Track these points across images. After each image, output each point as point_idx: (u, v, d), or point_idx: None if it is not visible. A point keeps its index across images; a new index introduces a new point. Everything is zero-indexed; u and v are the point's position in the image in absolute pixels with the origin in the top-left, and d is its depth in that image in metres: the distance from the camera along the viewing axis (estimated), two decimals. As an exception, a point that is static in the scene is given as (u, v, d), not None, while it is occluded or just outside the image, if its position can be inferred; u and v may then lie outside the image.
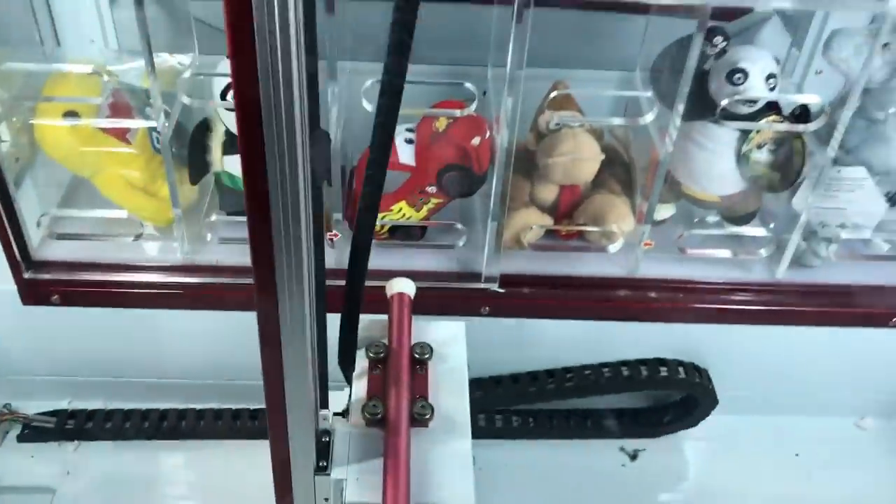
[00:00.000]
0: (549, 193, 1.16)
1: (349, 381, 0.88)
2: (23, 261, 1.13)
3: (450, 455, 0.88)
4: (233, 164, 1.11)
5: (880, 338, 1.25)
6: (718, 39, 1.04)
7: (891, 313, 1.20)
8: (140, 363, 1.28)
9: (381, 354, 0.89)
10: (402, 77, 0.64)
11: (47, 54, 1.25)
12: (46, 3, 1.26)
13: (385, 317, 0.90)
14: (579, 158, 1.11)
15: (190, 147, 1.11)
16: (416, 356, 0.91)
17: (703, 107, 1.07)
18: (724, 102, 1.04)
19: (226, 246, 1.15)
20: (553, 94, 1.12)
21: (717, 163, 1.11)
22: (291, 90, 0.55)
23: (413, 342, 0.91)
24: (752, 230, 1.18)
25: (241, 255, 1.13)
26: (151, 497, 1.22)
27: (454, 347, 0.96)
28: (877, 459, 1.36)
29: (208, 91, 1.09)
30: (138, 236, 1.15)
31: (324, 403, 0.86)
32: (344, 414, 0.86)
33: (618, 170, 1.19)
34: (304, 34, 0.56)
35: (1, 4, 1.14)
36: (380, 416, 0.84)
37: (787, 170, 1.11)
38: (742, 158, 1.10)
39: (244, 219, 0.64)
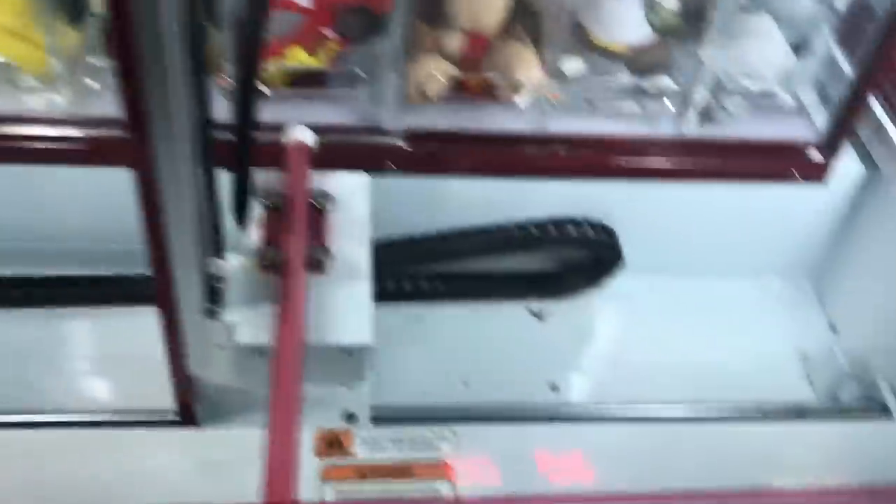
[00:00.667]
0: (454, 42, 1.12)
1: (243, 227, 0.85)
2: None
3: (347, 297, 0.86)
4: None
5: (783, 193, 1.26)
6: None
7: (794, 167, 1.21)
8: (25, 226, 1.21)
9: (279, 204, 0.86)
10: None
11: None
12: None
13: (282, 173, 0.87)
14: (485, 4, 1.07)
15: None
16: (316, 205, 0.88)
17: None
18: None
19: (107, 95, 1.08)
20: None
21: (625, 10, 1.09)
22: None
23: (313, 191, 0.89)
24: (660, 82, 1.17)
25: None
26: (39, 366, 1.17)
27: (356, 198, 0.94)
28: (780, 319, 1.40)
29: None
30: (15, 86, 1.07)
31: (216, 251, 0.83)
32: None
33: (526, 19, 1.14)
34: None
35: None
36: (276, 262, 0.81)
37: (695, 18, 1.09)
38: (649, 5, 1.08)
39: None
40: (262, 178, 0.85)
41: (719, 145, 1.20)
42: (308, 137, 0.91)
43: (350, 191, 0.95)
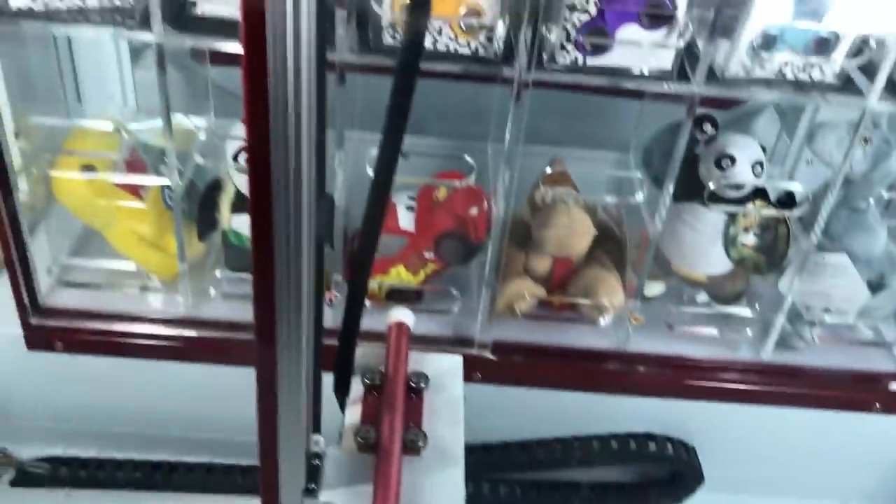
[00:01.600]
0: (542, 264, 1.20)
1: (343, 407, 0.89)
2: (30, 306, 1.17)
3: (441, 483, 0.87)
4: (240, 223, 1.16)
5: (865, 422, 1.26)
6: (708, 127, 1.10)
7: (875, 398, 1.22)
8: (136, 414, 1.30)
9: (377, 381, 0.88)
10: (400, 136, 0.69)
11: (69, 109, 1.32)
12: (71, 61, 1.33)
13: (382, 348, 0.90)
14: (573, 232, 1.16)
15: (200, 205, 1.16)
16: (412, 385, 0.88)
17: (692, 189, 1.12)
18: (711, 186, 1.09)
19: (228, 302, 1.19)
20: (548, 170, 1.17)
21: (705, 243, 1.16)
22: (301, 156, 0.60)
23: (409, 371, 0.90)
24: (739, 310, 1.22)
25: (242, 312, 1.17)
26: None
27: (451, 379, 0.93)
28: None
29: (221, 152, 1.14)
30: (144, 288, 1.19)
31: (316, 427, 0.87)
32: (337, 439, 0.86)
33: (610, 245, 1.23)
34: (316, 104, 0.61)
35: (30, 60, 1.20)
36: (372, 441, 0.82)
37: (772, 253, 1.15)
38: (729, 240, 1.15)
39: (247, 276, 0.67)
40: (363, 354, 0.88)
41: (797, 372, 1.23)
42: (409, 318, 0.93)
43: (445, 372, 0.95)
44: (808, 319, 1.21)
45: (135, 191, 1.19)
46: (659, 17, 0.94)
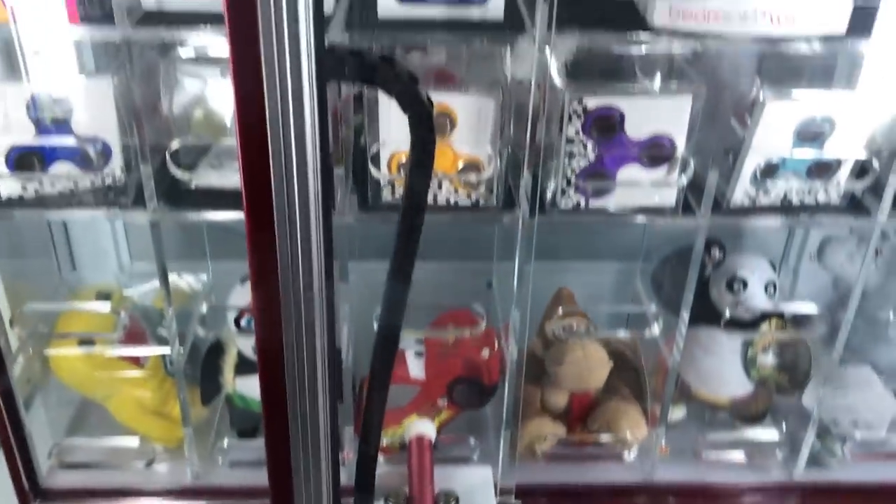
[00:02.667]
0: (560, 399, 1.16)
1: None
2: (31, 490, 1.12)
3: None
4: (245, 386, 1.12)
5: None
6: (716, 252, 1.08)
7: (914, 511, 1.17)
8: None
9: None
10: (404, 296, 0.67)
11: (64, 278, 1.29)
12: (63, 226, 1.31)
13: (403, 466, 0.85)
14: (589, 367, 1.12)
15: (202, 369, 1.13)
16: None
17: (706, 312, 1.10)
18: (726, 313, 1.06)
19: (236, 469, 1.14)
20: (559, 311, 1.14)
21: (725, 367, 1.13)
22: (313, 321, 0.58)
23: (437, 490, 0.85)
24: (765, 432, 1.18)
25: (251, 478, 1.12)
26: None
27: (483, 496, 0.88)
28: None
29: (222, 314, 1.11)
30: (150, 462, 1.14)
31: (335, 448, 0.81)
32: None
33: (628, 374, 1.19)
34: (325, 293, 0.58)
35: (24, 236, 1.18)
36: None
37: (794, 371, 1.12)
38: (749, 362, 1.12)
39: (255, 440, 0.64)
40: (384, 474, 0.82)
41: (833, 490, 1.18)
42: (430, 431, 0.89)
43: (475, 487, 0.89)
44: (837, 434, 1.17)
45: (134, 359, 1.15)
46: (659, 157, 0.93)
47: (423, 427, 0.87)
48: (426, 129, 0.59)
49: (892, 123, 0.94)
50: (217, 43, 0.85)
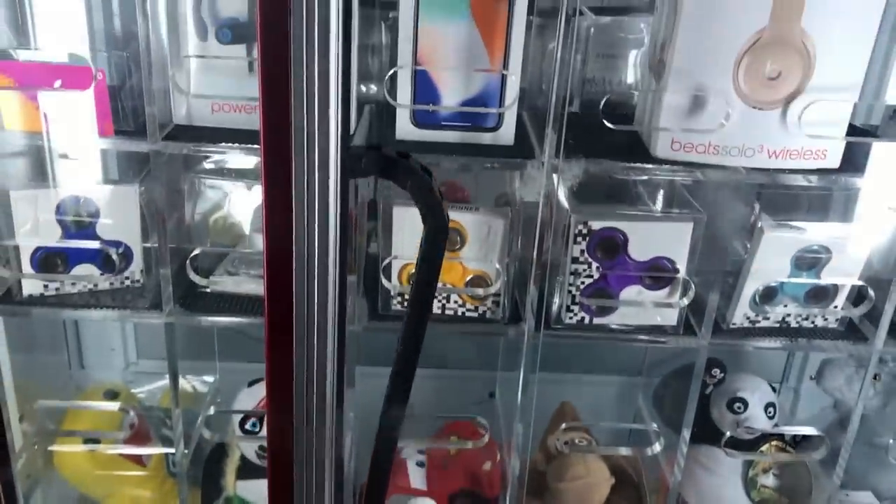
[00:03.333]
0: (561, 518, 1.16)
1: None
2: (23, 590, 1.10)
3: None
4: (247, 490, 1.12)
5: None
6: (716, 371, 1.10)
7: None
8: None
9: None
10: (406, 395, 0.67)
11: (72, 375, 1.31)
12: (75, 326, 1.34)
13: None
14: (591, 484, 1.12)
15: (205, 471, 1.13)
16: None
17: (707, 432, 1.11)
18: (727, 434, 1.07)
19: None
20: (562, 427, 1.15)
21: (725, 487, 1.13)
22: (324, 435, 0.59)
23: None
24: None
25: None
26: None
27: None
28: None
29: (227, 417, 1.12)
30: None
31: None
32: None
33: (629, 491, 1.19)
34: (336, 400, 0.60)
35: (35, 327, 1.21)
36: None
37: (794, 494, 1.12)
38: (749, 483, 1.12)
39: None
40: None
41: None
42: None
43: None
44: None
45: (137, 458, 1.16)
46: (661, 278, 0.96)
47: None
48: (438, 222, 0.60)
49: (886, 254, 0.97)
50: (239, 156, 0.89)
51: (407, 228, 0.94)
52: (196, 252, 0.94)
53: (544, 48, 1.00)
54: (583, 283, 0.96)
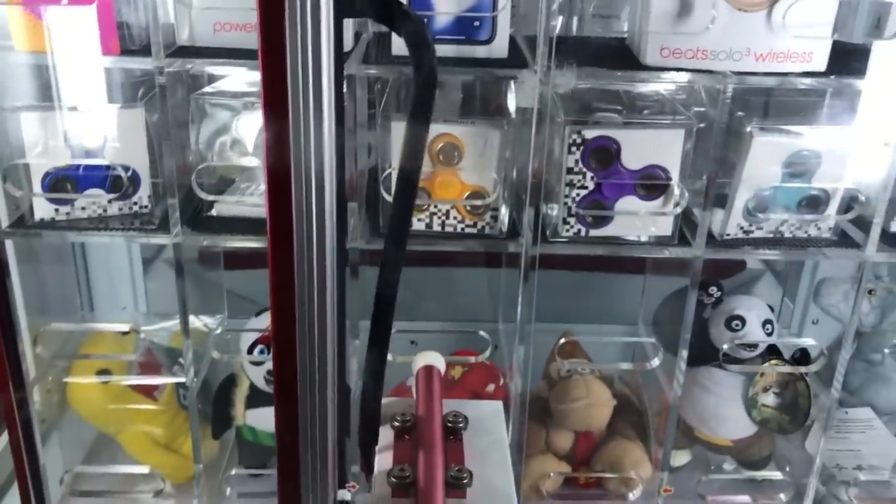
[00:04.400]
0: (564, 440, 1.18)
1: (370, 467, 0.75)
2: (40, 519, 1.13)
3: None
4: (255, 418, 1.14)
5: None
6: (713, 289, 1.12)
7: (924, 559, 1.16)
8: None
9: (409, 423, 0.75)
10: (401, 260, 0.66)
11: (82, 318, 1.34)
12: (86, 270, 1.37)
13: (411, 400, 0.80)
14: (592, 404, 1.14)
15: (215, 402, 1.15)
16: (450, 424, 0.76)
17: (706, 352, 1.12)
18: (725, 347, 1.09)
19: (245, 501, 1.15)
20: (562, 340, 1.17)
21: (726, 406, 1.14)
22: (325, 350, 0.62)
23: (446, 412, 0.78)
24: (770, 474, 1.18)
25: (259, 510, 1.13)
26: None
27: (493, 422, 0.81)
28: None
29: (235, 347, 1.14)
30: (158, 493, 1.15)
31: (341, 483, 0.78)
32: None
33: (631, 416, 1.21)
34: (336, 302, 0.62)
35: (45, 271, 1.24)
36: (409, 480, 0.69)
37: (794, 412, 1.13)
38: (749, 402, 1.14)
39: (264, 472, 0.64)
40: (389, 404, 0.77)
41: (840, 536, 1.17)
42: (439, 363, 0.81)
43: (485, 416, 0.81)
44: (841, 479, 1.17)
45: (149, 392, 1.18)
46: (654, 188, 0.98)
47: (431, 358, 0.80)
48: (429, 66, 0.59)
49: (877, 159, 0.99)
50: (243, 74, 0.92)
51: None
52: (201, 166, 0.96)
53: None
54: (578, 194, 0.99)
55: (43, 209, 0.99)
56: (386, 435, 0.74)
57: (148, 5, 0.88)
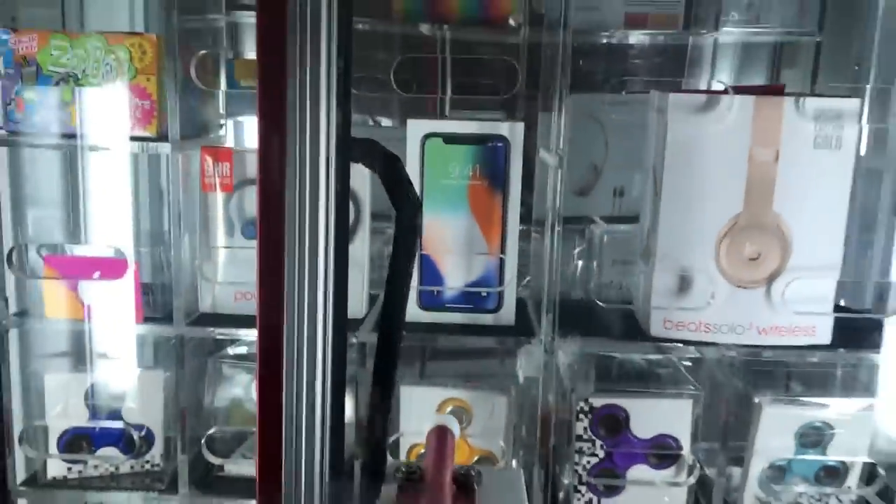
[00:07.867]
0: None
1: None
2: None
3: None
4: None
5: None
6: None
7: None
8: None
9: (415, 475, 0.68)
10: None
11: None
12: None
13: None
14: None
15: None
16: (461, 479, 0.68)
17: None
18: None
19: None
20: None
21: None
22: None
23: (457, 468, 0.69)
24: None
25: None
26: None
27: (511, 485, 0.72)
28: None
29: None
30: None
31: None
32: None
33: None
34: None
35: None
36: None
37: None
38: None
39: None
40: (393, 463, 0.70)
41: None
42: (454, 426, 0.73)
43: (502, 479, 0.72)
44: None
45: None
46: (666, 457, 0.97)
47: (447, 421, 0.74)
48: (411, 198, 0.59)
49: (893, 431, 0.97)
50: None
51: (415, 408, 0.97)
52: (212, 431, 0.98)
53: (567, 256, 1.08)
54: (588, 462, 0.98)
55: (56, 467, 1.01)
56: (389, 488, 0.67)
57: (171, 277, 0.94)
